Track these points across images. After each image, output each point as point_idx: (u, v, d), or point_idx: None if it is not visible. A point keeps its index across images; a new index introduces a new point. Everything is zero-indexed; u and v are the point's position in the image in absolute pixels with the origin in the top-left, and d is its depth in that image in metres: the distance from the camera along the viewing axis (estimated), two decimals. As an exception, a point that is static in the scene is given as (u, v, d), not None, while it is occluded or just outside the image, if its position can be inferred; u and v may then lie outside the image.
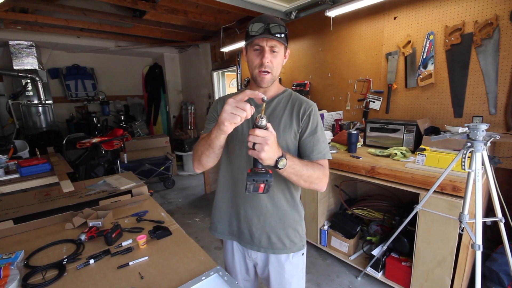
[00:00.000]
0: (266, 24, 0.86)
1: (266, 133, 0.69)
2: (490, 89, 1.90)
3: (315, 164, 0.90)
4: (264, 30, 0.85)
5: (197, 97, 5.61)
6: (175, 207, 3.53)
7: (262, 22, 0.86)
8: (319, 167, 0.90)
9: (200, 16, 3.56)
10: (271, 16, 0.90)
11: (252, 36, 0.87)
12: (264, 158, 0.70)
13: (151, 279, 0.86)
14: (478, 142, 1.24)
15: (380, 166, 1.77)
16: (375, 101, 2.59)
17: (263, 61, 0.87)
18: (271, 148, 0.70)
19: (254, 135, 0.69)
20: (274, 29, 0.86)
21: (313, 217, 2.28)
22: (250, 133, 0.70)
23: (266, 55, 0.87)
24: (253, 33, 0.87)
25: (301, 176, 0.84)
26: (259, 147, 0.69)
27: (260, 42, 0.87)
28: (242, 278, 1.12)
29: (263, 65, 0.88)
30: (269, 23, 0.86)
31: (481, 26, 1.88)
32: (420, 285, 1.66)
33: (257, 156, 0.70)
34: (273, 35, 0.85)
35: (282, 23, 0.88)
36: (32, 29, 3.89)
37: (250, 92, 0.71)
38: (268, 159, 0.72)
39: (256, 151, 0.70)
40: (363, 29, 2.61)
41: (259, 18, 0.89)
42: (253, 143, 0.70)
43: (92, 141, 3.25)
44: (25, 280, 0.85)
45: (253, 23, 0.88)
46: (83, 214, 1.29)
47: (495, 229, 1.63)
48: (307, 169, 0.85)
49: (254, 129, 0.69)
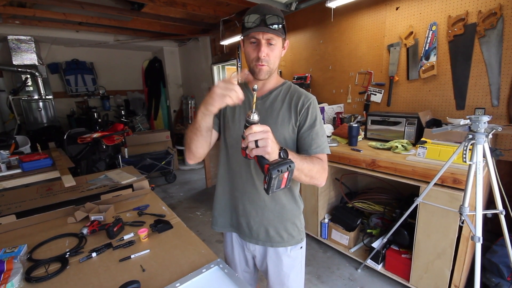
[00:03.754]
0: (262, 15, 0.82)
1: (263, 127, 0.66)
2: (493, 81, 1.88)
3: (314, 158, 0.88)
4: (260, 21, 0.82)
5: (198, 91, 5.58)
6: (177, 201, 3.56)
7: (258, 13, 0.83)
8: (318, 161, 0.88)
9: (199, 9, 3.51)
10: (268, 6, 0.86)
11: (248, 28, 0.83)
12: (271, 152, 0.66)
13: (152, 272, 0.87)
14: (479, 134, 1.23)
15: (380, 159, 1.77)
16: (376, 94, 2.57)
17: (259, 55, 0.84)
18: (273, 141, 0.67)
19: (253, 133, 0.64)
20: (270, 20, 0.82)
21: (313, 210, 2.29)
22: (247, 133, 0.65)
23: (262, 49, 0.84)
24: (249, 25, 0.83)
25: (302, 171, 0.81)
26: (263, 142, 0.65)
27: (256, 35, 0.84)
28: (242, 270, 1.13)
29: (260, 59, 0.85)
30: (265, 14, 0.82)
31: (484, 16, 1.84)
32: (420, 277, 1.67)
33: (264, 152, 0.65)
34: (269, 27, 0.82)
35: (279, 13, 0.84)
36: (31, 23, 3.85)
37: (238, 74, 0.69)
38: (274, 153, 0.67)
39: (261, 147, 0.65)
40: (364, 20, 2.57)
41: (255, 8, 0.85)
42: (255, 142, 0.65)
43: (93, 136, 3.26)
44: (28, 273, 0.86)
45: (248, 14, 0.84)
46: (85, 208, 1.30)
47: (495, 221, 1.63)
48: (307, 163, 0.82)
49: (251, 126, 0.65)
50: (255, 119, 0.65)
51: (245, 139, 0.66)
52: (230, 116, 0.97)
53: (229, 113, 0.98)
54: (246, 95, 0.98)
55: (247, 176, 0.96)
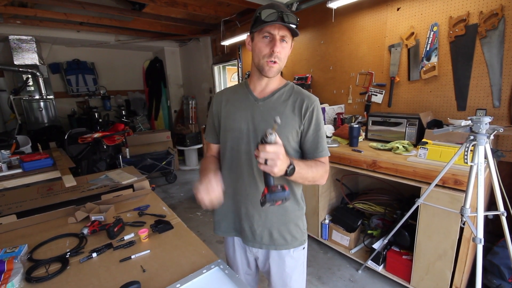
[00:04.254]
0: (279, 12, 0.80)
1: (276, 148, 0.70)
2: (494, 82, 1.87)
3: (318, 163, 0.91)
4: (277, 17, 0.80)
5: (198, 91, 5.58)
6: (177, 202, 3.56)
7: (274, 8, 0.81)
8: (321, 165, 0.91)
9: (200, 9, 3.51)
10: (283, 5, 0.85)
11: (264, 22, 0.80)
12: (277, 173, 0.71)
13: (152, 272, 0.87)
14: (481, 135, 1.23)
15: (381, 160, 1.76)
16: (377, 94, 2.57)
17: (274, 49, 0.82)
18: (282, 162, 0.71)
19: (266, 152, 0.69)
20: (288, 17, 0.81)
21: (314, 211, 2.28)
22: (260, 149, 0.70)
23: (277, 44, 0.82)
24: (266, 19, 0.80)
25: (306, 178, 0.86)
26: (271, 162, 0.70)
27: (272, 30, 0.82)
28: (243, 272, 1.13)
29: (273, 55, 0.83)
30: (282, 11, 0.81)
31: (486, 17, 1.84)
32: (421, 278, 1.67)
33: (270, 171, 0.71)
34: (286, 23, 0.80)
35: (293, 13, 0.84)
36: (32, 23, 3.86)
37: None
38: (280, 172, 0.73)
39: (268, 166, 0.70)
40: (365, 21, 2.57)
41: (271, 4, 0.83)
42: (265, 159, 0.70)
43: (94, 136, 3.26)
44: (28, 273, 0.86)
45: (264, 9, 0.82)
46: (86, 209, 1.30)
47: (496, 223, 1.62)
48: (312, 171, 0.86)
49: (264, 145, 0.69)
50: (271, 140, 0.70)
51: (258, 152, 0.71)
52: (231, 119, 0.97)
53: (229, 116, 0.98)
54: (246, 95, 0.98)
55: (250, 178, 0.96)
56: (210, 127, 1.08)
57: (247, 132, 0.94)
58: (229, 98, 1.01)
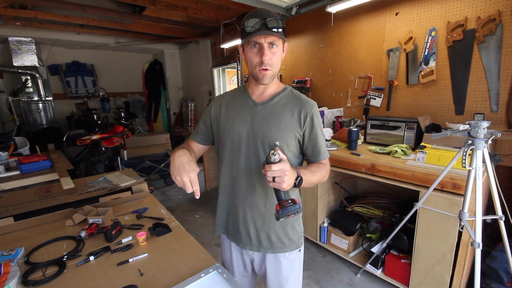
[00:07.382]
0: (263, 19, 0.81)
1: (282, 165, 0.72)
2: (492, 86, 1.89)
3: (320, 165, 0.94)
4: (261, 25, 0.80)
5: (198, 94, 5.59)
6: (176, 204, 3.54)
7: (257, 17, 0.81)
8: (324, 168, 0.94)
9: (200, 12, 3.53)
10: (266, 10, 0.86)
11: (249, 33, 0.82)
12: (286, 188, 0.74)
13: (150, 276, 0.87)
14: (479, 140, 1.23)
15: (380, 164, 1.77)
16: (376, 98, 2.58)
17: (263, 59, 0.84)
18: (289, 177, 0.74)
19: (272, 171, 0.72)
20: (271, 23, 0.81)
21: (313, 214, 2.28)
22: (266, 169, 0.73)
23: (265, 53, 0.83)
24: (250, 29, 0.82)
25: (313, 183, 0.90)
26: (279, 179, 0.73)
27: (258, 39, 0.83)
28: (240, 275, 1.12)
29: (263, 63, 0.84)
30: (266, 18, 0.81)
31: (483, 22, 1.86)
32: (420, 282, 1.66)
33: (279, 187, 0.74)
34: (270, 30, 0.81)
35: (278, 16, 0.84)
36: (32, 25, 3.86)
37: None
38: (289, 186, 0.75)
39: (277, 183, 0.74)
40: (364, 25, 2.59)
41: (254, 13, 0.84)
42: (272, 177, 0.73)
43: (93, 138, 3.25)
44: (25, 276, 0.86)
45: (248, 19, 0.83)
46: (83, 211, 1.29)
47: (495, 227, 1.62)
48: (316, 175, 0.90)
49: (270, 165, 0.72)
50: (275, 159, 0.73)
51: (264, 171, 0.74)
52: (230, 124, 0.97)
53: (229, 121, 0.98)
54: (244, 99, 0.98)
55: (248, 183, 0.95)
56: (201, 129, 1.06)
57: (247, 137, 0.94)
58: (229, 102, 1.01)
